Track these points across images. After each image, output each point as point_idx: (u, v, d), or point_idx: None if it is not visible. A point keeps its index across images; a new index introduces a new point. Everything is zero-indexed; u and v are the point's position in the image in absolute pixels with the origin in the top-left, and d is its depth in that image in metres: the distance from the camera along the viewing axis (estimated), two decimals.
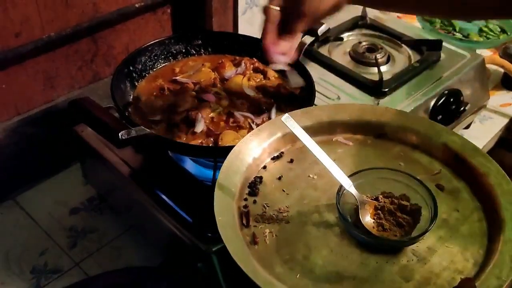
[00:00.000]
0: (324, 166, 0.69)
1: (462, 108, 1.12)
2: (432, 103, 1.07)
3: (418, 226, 0.67)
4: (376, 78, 1.06)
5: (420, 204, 0.69)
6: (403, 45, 1.20)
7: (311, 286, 0.62)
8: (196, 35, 1.04)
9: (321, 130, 0.81)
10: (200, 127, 0.86)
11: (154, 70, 1.00)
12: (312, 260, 0.65)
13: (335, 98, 1.04)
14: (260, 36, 1.05)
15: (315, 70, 1.09)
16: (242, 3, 1.25)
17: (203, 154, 0.87)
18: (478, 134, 1.24)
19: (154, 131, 0.85)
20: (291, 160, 0.78)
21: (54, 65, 1.01)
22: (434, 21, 1.43)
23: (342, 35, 1.23)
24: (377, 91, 1.05)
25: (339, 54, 1.17)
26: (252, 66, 1.00)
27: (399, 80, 1.07)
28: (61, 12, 0.96)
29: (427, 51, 1.16)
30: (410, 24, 1.36)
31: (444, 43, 1.17)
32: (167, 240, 0.87)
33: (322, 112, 0.83)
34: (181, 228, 0.81)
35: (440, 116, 1.09)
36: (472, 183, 0.74)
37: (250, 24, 1.29)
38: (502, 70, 1.37)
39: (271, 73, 0.99)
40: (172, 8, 1.15)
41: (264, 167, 0.77)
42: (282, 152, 0.79)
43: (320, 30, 0.99)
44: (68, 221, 1.00)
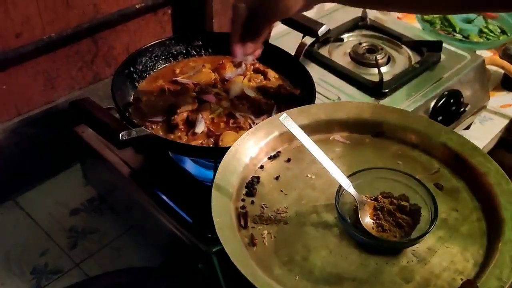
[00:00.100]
0: (323, 166, 0.69)
1: (462, 109, 1.12)
2: (432, 104, 1.07)
3: (418, 227, 0.67)
4: (376, 79, 1.06)
5: (420, 204, 0.68)
6: (403, 46, 1.20)
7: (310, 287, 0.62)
8: (197, 36, 1.04)
9: (318, 129, 0.80)
10: (200, 128, 0.86)
11: (155, 71, 1.00)
12: (311, 262, 0.64)
13: (335, 99, 1.04)
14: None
15: (315, 71, 1.09)
16: None
17: (203, 154, 0.87)
18: (478, 135, 1.25)
19: (155, 132, 0.85)
20: (288, 160, 0.78)
21: (55, 65, 1.01)
22: (434, 22, 1.43)
23: (342, 36, 1.23)
24: (377, 92, 1.05)
25: (339, 55, 1.17)
26: (252, 67, 1.00)
27: (399, 81, 1.08)
28: (61, 13, 0.96)
29: (427, 52, 1.16)
30: (410, 25, 1.37)
31: (444, 44, 1.17)
32: (167, 241, 0.87)
33: (319, 110, 0.82)
34: (181, 228, 0.81)
35: (440, 117, 1.09)
36: (471, 183, 0.74)
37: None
38: (502, 71, 1.37)
39: (272, 74, 0.99)
40: (172, 9, 1.15)
41: (261, 167, 0.76)
42: (279, 152, 0.79)
43: (321, 31, 1.00)
44: (69, 221, 1.00)
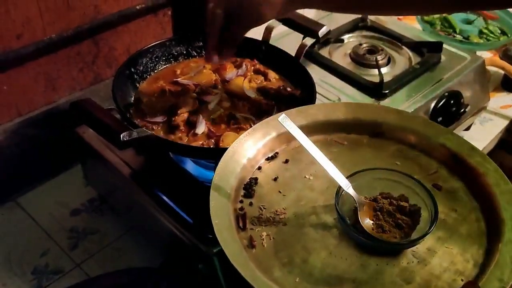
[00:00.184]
0: (322, 167, 0.68)
1: (462, 110, 1.12)
2: (433, 104, 1.08)
3: (417, 227, 0.67)
4: (376, 79, 1.06)
5: (419, 205, 0.68)
6: (403, 47, 1.20)
7: None
8: (197, 36, 1.04)
9: (316, 130, 0.80)
10: (201, 129, 0.87)
11: (155, 71, 1.00)
12: (310, 263, 0.64)
13: (335, 100, 1.04)
14: (260, 38, 1.06)
15: (315, 71, 1.09)
16: None
17: (204, 155, 0.87)
18: (478, 136, 1.25)
19: (155, 133, 0.86)
20: (287, 161, 0.77)
21: (56, 66, 1.01)
22: (434, 23, 1.43)
23: (343, 37, 1.23)
24: (377, 92, 1.05)
25: (340, 56, 1.18)
26: (253, 67, 1.00)
27: (399, 81, 1.08)
28: (62, 14, 0.96)
29: (428, 53, 1.16)
30: (410, 26, 1.37)
31: (444, 45, 1.17)
32: (167, 241, 0.87)
33: (317, 111, 0.82)
34: (181, 229, 0.81)
35: (441, 118, 1.09)
36: (469, 183, 0.74)
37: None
38: (502, 72, 1.37)
39: (272, 74, 1.00)
40: (172, 10, 1.15)
41: (259, 168, 0.76)
42: (276, 153, 0.78)
43: (321, 32, 1.00)
44: (69, 222, 1.00)
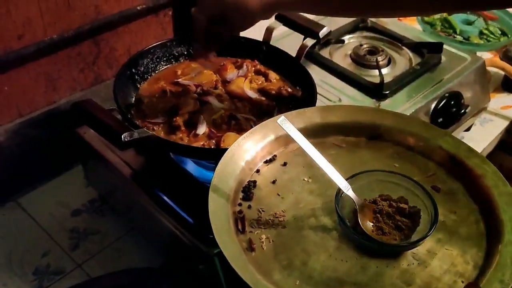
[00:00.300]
0: (321, 170, 0.68)
1: (463, 111, 1.12)
2: (433, 105, 1.07)
3: (417, 229, 0.67)
4: (377, 80, 1.06)
5: (419, 207, 0.68)
6: (404, 47, 1.20)
7: None
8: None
9: (314, 132, 0.80)
10: (202, 129, 0.87)
11: (156, 72, 1.00)
12: (310, 266, 0.64)
13: (336, 101, 1.04)
14: (261, 39, 1.06)
15: (316, 72, 1.09)
16: None
17: (204, 156, 0.87)
18: (479, 137, 1.25)
19: (156, 133, 0.86)
20: (285, 163, 0.77)
21: (56, 67, 1.01)
22: (434, 23, 1.44)
23: (343, 38, 1.23)
24: (378, 93, 1.05)
25: (340, 57, 1.18)
26: (253, 68, 1.00)
27: (400, 82, 1.08)
28: (63, 15, 0.96)
29: (428, 54, 1.16)
30: (410, 27, 1.37)
31: (444, 46, 1.17)
32: (168, 242, 0.88)
33: (315, 113, 0.82)
34: (182, 229, 0.81)
35: (441, 119, 1.09)
36: (468, 185, 0.74)
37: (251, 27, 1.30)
38: (503, 73, 1.37)
39: (273, 75, 1.00)
40: (173, 10, 1.15)
41: (257, 171, 0.76)
42: (275, 155, 0.78)
43: (322, 32, 1.00)
44: (70, 222, 1.00)
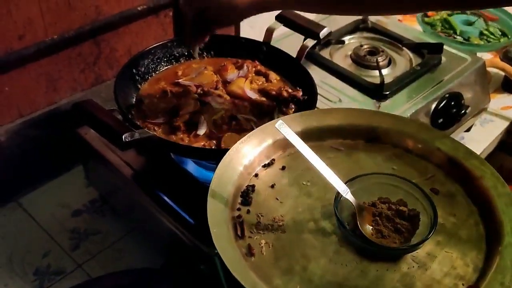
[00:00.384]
0: (319, 173, 0.68)
1: (463, 111, 1.12)
2: (433, 106, 1.08)
3: (417, 232, 0.66)
4: (377, 81, 1.06)
5: (418, 209, 0.68)
6: (404, 48, 1.20)
7: None
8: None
9: (312, 136, 0.79)
10: (202, 130, 0.87)
11: (157, 72, 1.00)
12: (310, 270, 0.63)
13: (336, 101, 1.04)
14: (262, 39, 1.06)
15: (316, 73, 1.09)
16: None
17: (205, 156, 0.87)
18: (479, 137, 1.25)
19: (157, 134, 0.86)
20: (283, 167, 0.77)
21: (57, 67, 1.01)
22: (435, 24, 1.44)
23: (344, 38, 1.23)
24: (378, 94, 1.05)
25: (341, 57, 1.18)
26: (254, 69, 1.00)
27: (400, 83, 1.08)
28: (64, 15, 0.96)
29: (428, 54, 1.16)
30: (411, 27, 1.37)
31: (445, 46, 1.17)
32: (169, 242, 0.88)
33: (312, 117, 0.82)
34: (183, 229, 0.81)
35: (441, 119, 1.09)
36: (466, 186, 0.74)
37: (252, 27, 1.30)
38: (503, 73, 1.38)
39: (273, 76, 1.00)
40: (174, 11, 1.15)
41: (256, 175, 0.76)
42: (273, 159, 0.78)
43: (322, 33, 1.00)
44: (71, 223, 1.00)
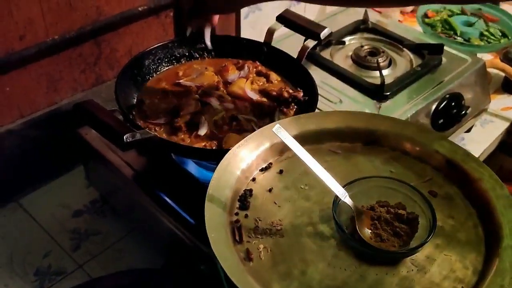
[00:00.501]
0: (317, 177, 0.68)
1: (463, 112, 1.12)
2: (434, 107, 1.08)
3: (416, 235, 0.66)
4: (378, 81, 1.06)
5: (416, 212, 0.68)
6: (404, 49, 1.20)
7: None
8: (199, 38, 1.04)
9: (309, 139, 0.79)
10: (203, 130, 0.87)
11: (158, 73, 1.00)
12: (309, 275, 0.63)
13: (337, 102, 1.04)
14: (262, 40, 1.07)
15: (317, 73, 1.09)
16: (244, 7, 1.25)
17: (206, 157, 0.87)
18: (479, 138, 1.25)
19: (158, 134, 0.86)
20: (281, 171, 0.77)
21: (58, 68, 1.01)
22: (435, 25, 1.44)
23: (344, 39, 1.23)
24: (379, 94, 1.05)
25: (341, 58, 1.18)
26: (255, 69, 1.00)
27: (400, 83, 1.08)
28: (64, 15, 0.96)
29: (429, 55, 1.16)
30: (411, 28, 1.37)
31: (445, 47, 1.17)
32: (169, 242, 0.88)
33: (310, 120, 0.81)
34: (183, 230, 0.81)
35: (442, 120, 1.09)
36: (465, 189, 0.73)
37: (253, 28, 1.30)
38: (503, 74, 1.38)
39: (274, 76, 1.00)
40: (174, 12, 1.15)
41: (253, 179, 0.75)
42: (270, 163, 0.78)
43: (323, 34, 1.00)
44: (71, 223, 1.00)
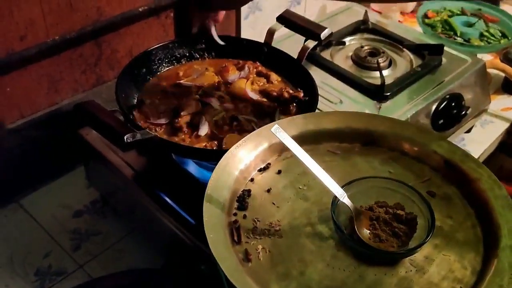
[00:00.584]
0: (316, 178, 0.68)
1: (464, 112, 1.12)
2: (434, 107, 1.08)
3: (414, 235, 0.66)
4: (378, 82, 1.06)
5: (415, 212, 0.68)
6: (404, 49, 1.20)
7: None
8: (199, 39, 1.04)
9: (308, 139, 0.79)
10: (204, 131, 0.87)
11: (158, 73, 1.00)
12: (308, 275, 0.63)
13: (337, 102, 1.05)
14: (263, 40, 1.07)
15: (317, 74, 1.09)
16: (244, 8, 1.26)
17: (207, 157, 0.87)
18: (479, 138, 1.25)
19: (158, 134, 0.86)
20: (279, 172, 0.77)
21: (58, 68, 1.01)
22: (435, 25, 1.44)
23: (344, 39, 1.23)
24: (379, 95, 1.05)
25: (341, 58, 1.18)
26: (255, 70, 1.01)
27: (401, 84, 1.08)
28: (65, 16, 0.96)
29: (429, 56, 1.16)
30: (411, 29, 1.37)
31: (445, 48, 1.18)
32: (169, 242, 0.88)
33: (308, 120, 0.82)
34: (183, 230, 0.81)
35: (442, 120, 1.09)
36: (463, 189, 0.73)
37: (253, 28, 1.30)
38: (503, 75, 1.38)
39: (274, 77, 1.00)
40: (175, 12, 1.15)
41: (252, 180, 0.75)
42: (269, 164, 0.78)
43: (323, 34, 1.00)
44: (72, 223, 1.00)
